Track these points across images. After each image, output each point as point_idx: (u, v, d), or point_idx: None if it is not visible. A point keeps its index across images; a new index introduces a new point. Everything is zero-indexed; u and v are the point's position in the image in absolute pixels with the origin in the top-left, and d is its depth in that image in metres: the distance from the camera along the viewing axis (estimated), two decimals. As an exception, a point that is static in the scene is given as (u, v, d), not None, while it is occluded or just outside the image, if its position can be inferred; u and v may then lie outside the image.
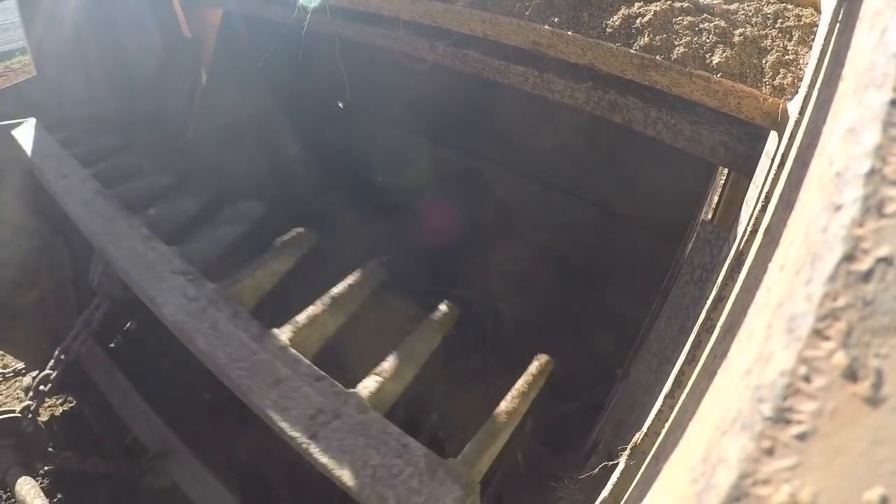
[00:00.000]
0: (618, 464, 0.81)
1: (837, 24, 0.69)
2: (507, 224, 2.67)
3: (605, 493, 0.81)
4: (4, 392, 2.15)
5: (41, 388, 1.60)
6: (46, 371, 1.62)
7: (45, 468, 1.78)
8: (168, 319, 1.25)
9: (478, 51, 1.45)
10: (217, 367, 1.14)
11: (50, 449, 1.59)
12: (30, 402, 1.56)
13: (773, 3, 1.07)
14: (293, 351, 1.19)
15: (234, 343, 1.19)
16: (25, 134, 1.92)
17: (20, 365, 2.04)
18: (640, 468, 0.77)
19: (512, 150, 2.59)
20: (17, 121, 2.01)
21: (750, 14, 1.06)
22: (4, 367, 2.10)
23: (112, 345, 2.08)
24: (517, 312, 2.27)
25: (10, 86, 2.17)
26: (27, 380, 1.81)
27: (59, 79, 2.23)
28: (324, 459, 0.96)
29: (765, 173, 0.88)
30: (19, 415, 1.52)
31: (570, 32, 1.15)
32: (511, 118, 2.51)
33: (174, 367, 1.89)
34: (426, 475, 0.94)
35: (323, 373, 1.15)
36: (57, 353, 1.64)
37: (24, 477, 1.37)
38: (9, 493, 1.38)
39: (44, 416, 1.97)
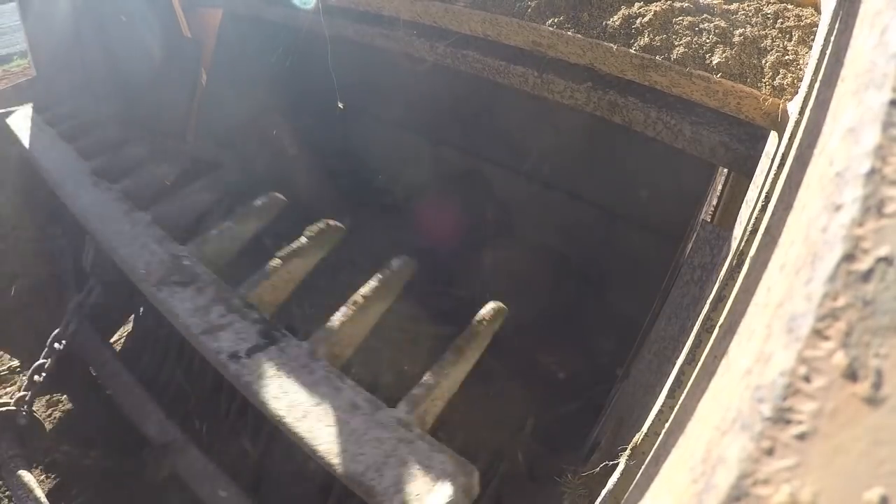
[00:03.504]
0: (618, 464, 0.81)
1: (837, 24, 0.69)
2: (507, 224, 2.67)
3: (605, 492, 0.81)
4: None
5: (35, 377, 1.55)
6: (40, 361, 1.57)
7: (44, 461, 1.77)
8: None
9: (478, 51, 1.45)
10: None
11: (49, 442, 1.59)
12: (24, 394, 1.54)
13: (773, 3, 1.07)
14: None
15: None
16: (21, 123, 1.91)
17: (15, 363, 2.03)
18: (640, 468, 0.77)
19: (512, 150, 2.59)
20: (10, 109, 2.00)
21: (750, 14, 1.06)
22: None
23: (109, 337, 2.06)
24: (517, 312, 2.27)
25: (10, 86, 2.17)
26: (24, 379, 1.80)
27: (59, 79, 2.24)
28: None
29: (765, 173, 0.88)
30: (14, 407, 1.50)
31: (570, 32, 1.15)
32: (511, 118, 2.51)
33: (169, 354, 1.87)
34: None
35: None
36: (49, 340, 1.59)
37: (21, 471, 1.37)
38: (3, 485, 1.38)
39: (43, 409, 1.96)
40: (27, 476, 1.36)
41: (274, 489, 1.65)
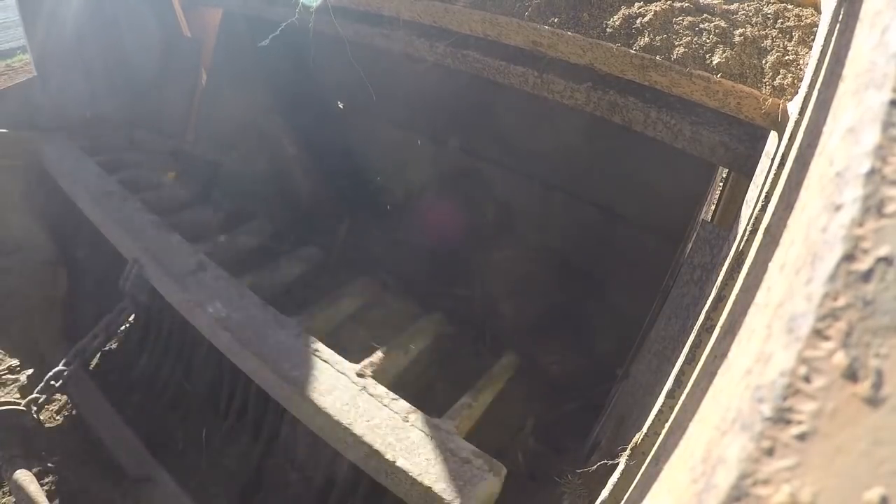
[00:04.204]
0: (618, 464, 0.81)
1: (837, 24, 0.69)
2: (507, 224, 2.67)
3: (605, 492, 0.81)
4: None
5: (52, 383, 1.58)
6: (60, 367, 1.60)
7: (45, 465, 1.77)
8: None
9: (478, 51, 1.45)
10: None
11: (43, 452, 1.60)
12: (37, 396, 1.55)
13: (773, 3, 1.07)
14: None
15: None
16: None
17: (14, 362, 2.04)
18: (640, 468, 0.77)
19: (512, 149, 2.59)
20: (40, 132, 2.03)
21: (750, 14, 1.06)
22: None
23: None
24: (517, 312, 2.27)
25: (12, 85, 2.17)
26: (23, 378, 1.81)
27: (60, 79, 2.23)
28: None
29: (765, 173, 0.88)
30: (24, 408, 1.51)
31: (570, 32, 1.15)
32: (511, 118, 2.51)
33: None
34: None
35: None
36: (74, 350, 1.63)
37: (21, 470, 1.37)
38: (6, 485, 1.38)
39: (43, 415, 1.96)
40: (28, 475, 1.36)
41: (275, 489, 1.65)
